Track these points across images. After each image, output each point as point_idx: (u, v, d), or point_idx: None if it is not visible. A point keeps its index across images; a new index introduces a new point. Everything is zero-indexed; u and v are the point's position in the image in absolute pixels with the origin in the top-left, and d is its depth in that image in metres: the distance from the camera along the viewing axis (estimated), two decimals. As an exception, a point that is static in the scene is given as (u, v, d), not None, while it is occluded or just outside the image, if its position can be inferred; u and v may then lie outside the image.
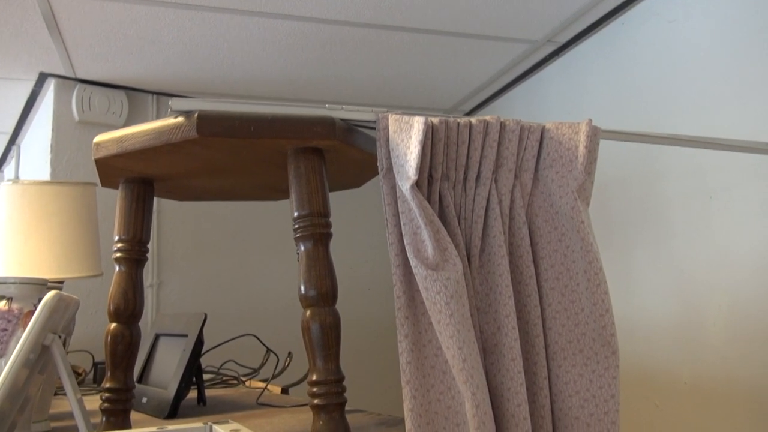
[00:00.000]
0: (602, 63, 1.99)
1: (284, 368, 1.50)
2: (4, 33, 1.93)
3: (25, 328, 0.89)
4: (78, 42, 2.01)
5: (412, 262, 0.81)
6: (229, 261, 2.46)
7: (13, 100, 2.47)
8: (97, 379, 1.81)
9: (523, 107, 2.41)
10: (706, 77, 1.59)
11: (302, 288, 0.82)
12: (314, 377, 0.80)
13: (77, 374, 1.79)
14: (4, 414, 0.76)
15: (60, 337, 0.81)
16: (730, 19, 1.52)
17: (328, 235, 0.84)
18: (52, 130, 2.26)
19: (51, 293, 0.76)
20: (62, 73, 2.24)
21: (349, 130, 0.87)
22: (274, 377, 1.47)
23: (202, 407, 1.27)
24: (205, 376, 1.60)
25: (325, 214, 0.84)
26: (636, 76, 1.84)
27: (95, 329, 2.16)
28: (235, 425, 0.62)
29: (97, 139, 0.86)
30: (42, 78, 2.28)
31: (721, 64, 1.54)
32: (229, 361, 1.69)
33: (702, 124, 1.58)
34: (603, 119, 1.94)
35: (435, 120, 0.86)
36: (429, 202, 0.86)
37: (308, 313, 0.82)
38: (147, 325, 2.09)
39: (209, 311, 1.84)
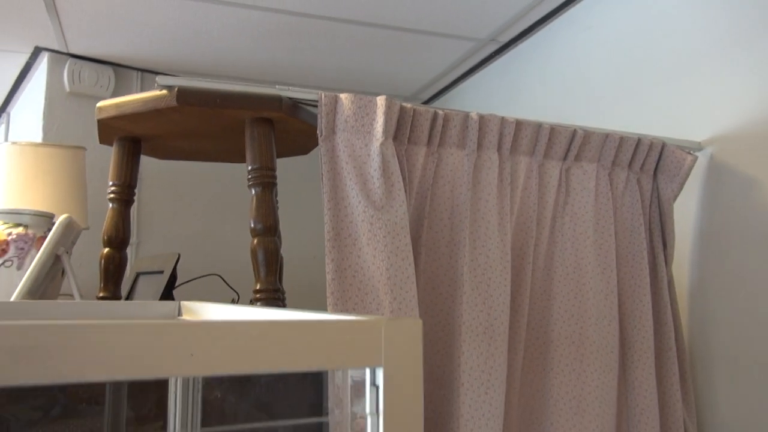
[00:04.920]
0: (535, 63, 2.28)
1: (244, 309, 1.77)
2: (4, 9, 2.16)
3: (37, 249, 1.15)
4: (73, 21, 2.24)
5: (361, 203, 1.09)
6: (202, 223, 2.72)
7: (7, 70, 2.70)
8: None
9: (472, 99, 2.69)
10: (617, 76, 1.88)
11: (252, 222, 1.10)
12: (258, 287, 1.08)
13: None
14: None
15: (67, 253, 1.08)
16: (634, 24, 1.82)
17: (273, 184, 1.11)
18: (45, 99, 2.49)
19: (64, 215, 1.02)
20: (56, 47, 2.47)
21: (294, 105, 1.15)
22: (235, 315, 1.74)
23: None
24: (177, 315, 1.87)
25: (271, 168, 1.11)
26: (562, 76, 2.13)
27: (82, 281, 2.41)
28: (199, 302, 0.90)
29: (100, 104, 1.13)
30: (36, 52, 2.51)
31: (628, 65, 1.84)
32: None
33: (615, 116, 1.87)
34: (537, 113, 2.24)
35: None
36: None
37: (255, 241, 1.09)
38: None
39: (184, 264, 2.10)
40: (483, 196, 1.25)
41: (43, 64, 2.54)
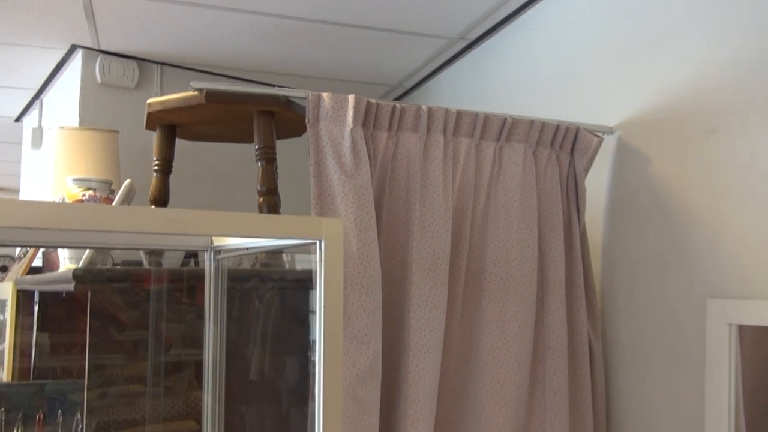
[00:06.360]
0: (498, 58, 2.69)
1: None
2: (49, 14, 2.58)
3: (102, 206, 1.58)
4: (106, 23, 2.65)
5: (337, 172, 1.51)
6: (218, 198, 3.15)
7: (45, 64, 3.12)
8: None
9: (448, 88, 3.10)
10: (556, 71, 2.30)
11: (258, 186, 1.52)
12: (263, 232, 1.51)
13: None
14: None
15: (127, 207, 1.51)
16: (568, 29, 2.23)
17: (274, 158, 1.54)
18: (80, 89, 2.91)
19: (128, 181, 1.45)
20: (89, 45, 2.89)
21: (288, 101, 1.57)
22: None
23: (197, 275, 1.98)
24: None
25: (272, 147, 1.53)
26: (517, 70, 2.54)
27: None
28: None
29: (150, 101, 1.55)
30: (72, 48, 2.93)
31: (564, 62, 2.25)
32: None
33: (555, 103, 2.29)
34: (500, 101, 2.65)
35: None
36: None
37: (261, 199, 1.52)
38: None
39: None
40: (431, 168, 1.67)
41: (77, 59, 2.96)
